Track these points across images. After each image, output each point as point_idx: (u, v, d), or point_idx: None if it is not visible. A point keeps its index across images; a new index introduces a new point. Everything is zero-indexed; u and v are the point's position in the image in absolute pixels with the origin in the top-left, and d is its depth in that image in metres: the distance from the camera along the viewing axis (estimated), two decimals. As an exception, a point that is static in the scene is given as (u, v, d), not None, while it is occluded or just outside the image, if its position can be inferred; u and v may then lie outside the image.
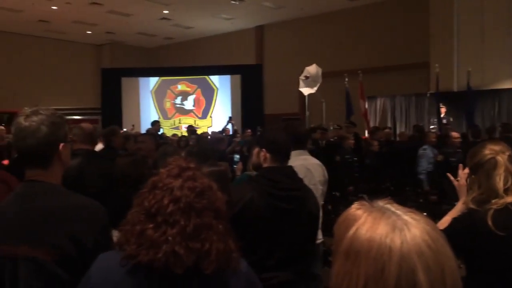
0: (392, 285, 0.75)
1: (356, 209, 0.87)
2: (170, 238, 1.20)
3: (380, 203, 0.87)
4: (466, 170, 2.10)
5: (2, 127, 8.80)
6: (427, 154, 7.07)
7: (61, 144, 1.68)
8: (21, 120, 1.64)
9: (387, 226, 0.80)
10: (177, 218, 1.22)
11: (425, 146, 7.17)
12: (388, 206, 0.86)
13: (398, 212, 0.83)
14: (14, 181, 2.53)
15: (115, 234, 1.69)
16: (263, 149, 2.36)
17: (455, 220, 1.99)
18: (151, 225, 1.22)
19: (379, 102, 13.13)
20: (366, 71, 11.13)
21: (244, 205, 2.18)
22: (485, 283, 1.91)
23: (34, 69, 16.61)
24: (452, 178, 2.25)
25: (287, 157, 2.41)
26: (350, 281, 0.79)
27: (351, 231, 0.83)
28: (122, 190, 3.35)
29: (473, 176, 2.01)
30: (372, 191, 7.21)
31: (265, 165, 2.36)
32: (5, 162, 4.44)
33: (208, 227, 1.25)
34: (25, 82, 16.03)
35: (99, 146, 7.55)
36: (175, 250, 1.18)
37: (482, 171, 1.94)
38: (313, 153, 3.90)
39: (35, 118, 1.63)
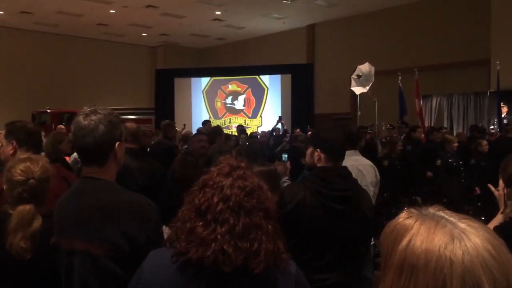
0: None
1: (406, 218, 0.81)
2: (219, 236, 1.20)
3: (431, 210, 0.81)
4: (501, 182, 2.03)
5: (62, 126, 9.27)
6: None
7: (117, 143, 1.73)
8: (80, 119, 1.69)
9: (444, 236, 0.73)
10: (226, 217, 1.23)
11: None
12: (441, 213, 0.80)
13: (453, 219, 0.77)
14: (73, 178, 2.64)
15: (165, 231, 1.73)
16: (317, 149, 2.32)
17: (495, 229, 1.90)
18: (201, 223, 1.24)
19: (435, 101, 12.64)
20: (422, 69, 10.74)
21: (296, 204, 2.16)
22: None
23: (92, 71, 17.37)
24: (492, 188, 2.16)
25: (342, 157, 2.36)
26: None
27: (404, 243, 0.76)
28: (172, 188, 3.43)
29: (508, 189, 1.95)
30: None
31: (319, 165, 2.32)
32: (67, 158, 4.66)
33: (257, 227, 1.24)
34: (84, 83, 16.80)
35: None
36: (224, 248, 1.19)
37: None
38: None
39: (93, 117, 1.68)
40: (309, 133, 10.24)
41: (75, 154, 4.96)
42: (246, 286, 1.22)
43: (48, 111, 14.57)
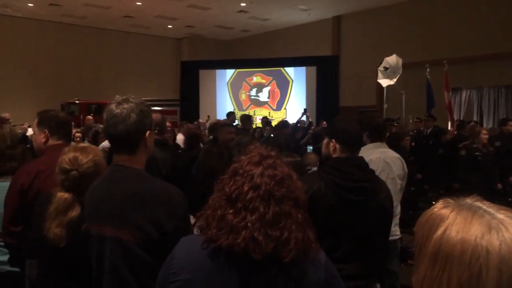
0: None
1: (442, 208, 0.80)
2: (249, 224, 1.21)
3: (469, 200, 0.80)
4: None
5: (90, 117, 9.50)
6: None
7: (148, 132, 1.75)
8: (112, 107, 1.72)
9: (481, 226, 0.72)
10: (256, 205, 1.23)
11: None
12: (479, 203, 0.78)
13: (491, 210, 0.76)
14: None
15: (191, 220, 1.74)
16: (333, 140, 2.30)
17: None
18: (231, 211, 1.24)
19: (464, 94, 12.35)
20: (451, 61, 10.50)
21: (311, 195, 2.14)
22: None
23: (119, 62, 17.62)
24: None
25: (358, 147, 2.33)
26: (440, 287, 0.72)
27: (439, 232, 0.76)
28: (199, 178, 3.46)
29: None
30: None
31: (334, 155, 2.30)
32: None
33: (287, 215, 1.24)
34: (110, 74, 17.06)
35: (179, 137, 7.91)
36: (254, 236, 1.19)
37: None
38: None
39: (125, 106, 1.71)
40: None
41: (103, 143, 5.05)
42: (276, 273, 1.22)
43: (77, 102, 14.88)
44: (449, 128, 10.08)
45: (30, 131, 8.21)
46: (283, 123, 7.67)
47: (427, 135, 8.50)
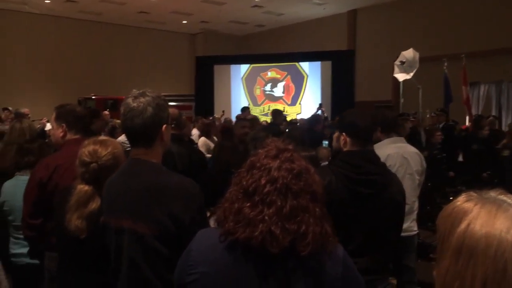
0: None
1: (465, 201, 0.78)
2: (266, 217, 1.20)
3: (493, 193, 0.78)
4: None
5: (107, 112, 9.59)
6: None
7: (164, 125, 1.75)
8: (129, 101, 1.73)
9: (506, 220, 0.71)
10: (273, 199, 1.22)
11: None
12: (503, 197, 0.77)
13: None
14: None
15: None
16: (343, 133, 2.28)
17: None
18: (248, 204, 1.24)
19: (482, 88, 12.13)
20: (469, 55, 10.32)
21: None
22: None
23: (134, 58, 17.74)
24: None
25: (368, 141, 2.30)
26: (463, 282, 0.71)
27: (462, 226, 0.74)
28: (213, 172, 3.48)
29: None
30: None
31: (345, 149, 2.29)
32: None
33: (304, 209, 1.23)
34: (125, 70, 17.18)
35: (194, 132, 7.94)
36: (271, 229, 1.19)
37: None
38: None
39: (142, 100, 1.72)
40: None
41: (120, 138, 5.10)
42: (293, 267, 1.22)
43: (93, 97, 15.02)
44: (467, 123, 9.93)
45: (48, 126, 8.33)
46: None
47: (439, 130, 8.41)
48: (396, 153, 3.33)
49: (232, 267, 1.23)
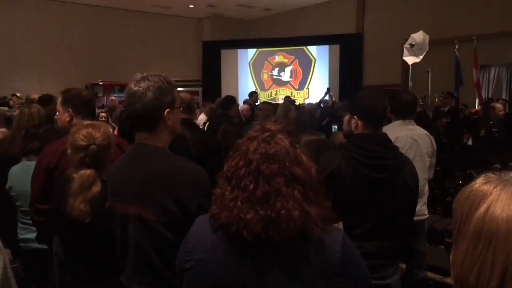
0: None
1: (483, 184, 0.74)
2: (239, 203, 1.16)
3: None
4: None
5: (114, 98, 9.55)
6: None
7: (167, 110, 1.71)
8: (131, 85, 1.72)
9: None
10: (247, 183, 1.18)
11: None
12: None
13: None
14: (126, 145, 2.68)
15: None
16: (354, 116, 2.22)
17: None
18: (228, 188, 1.21)
19: (493, 71, 11.94)
20: (480, 37, 10.13)
21: (330, 173, 2.08)
22: None
23: (140, 43, 17.65)
24: None
25: (380, 124, 2.25)
26: (483, 268, 0.68)
27: (481, 210, 0.70)
28: (215, 157, 3.45)
29: None
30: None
31: (356, 132, 2.22)
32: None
33: (277, 193, 1.16)
34: (132, 55, 17.10)
35: (201, 116, 7.90)
36: (243, 215, 1.15)
37: None
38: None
39: (143, 84, 1.69)
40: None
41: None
42: (269, 255, 1.16)
43: (100, 83, 15.03)
44: (477, 107, 9.80)
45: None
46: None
47: (445, 113, 8.30)
48: (406, 135, 3.28)
49: (224, 253, 1.20)
